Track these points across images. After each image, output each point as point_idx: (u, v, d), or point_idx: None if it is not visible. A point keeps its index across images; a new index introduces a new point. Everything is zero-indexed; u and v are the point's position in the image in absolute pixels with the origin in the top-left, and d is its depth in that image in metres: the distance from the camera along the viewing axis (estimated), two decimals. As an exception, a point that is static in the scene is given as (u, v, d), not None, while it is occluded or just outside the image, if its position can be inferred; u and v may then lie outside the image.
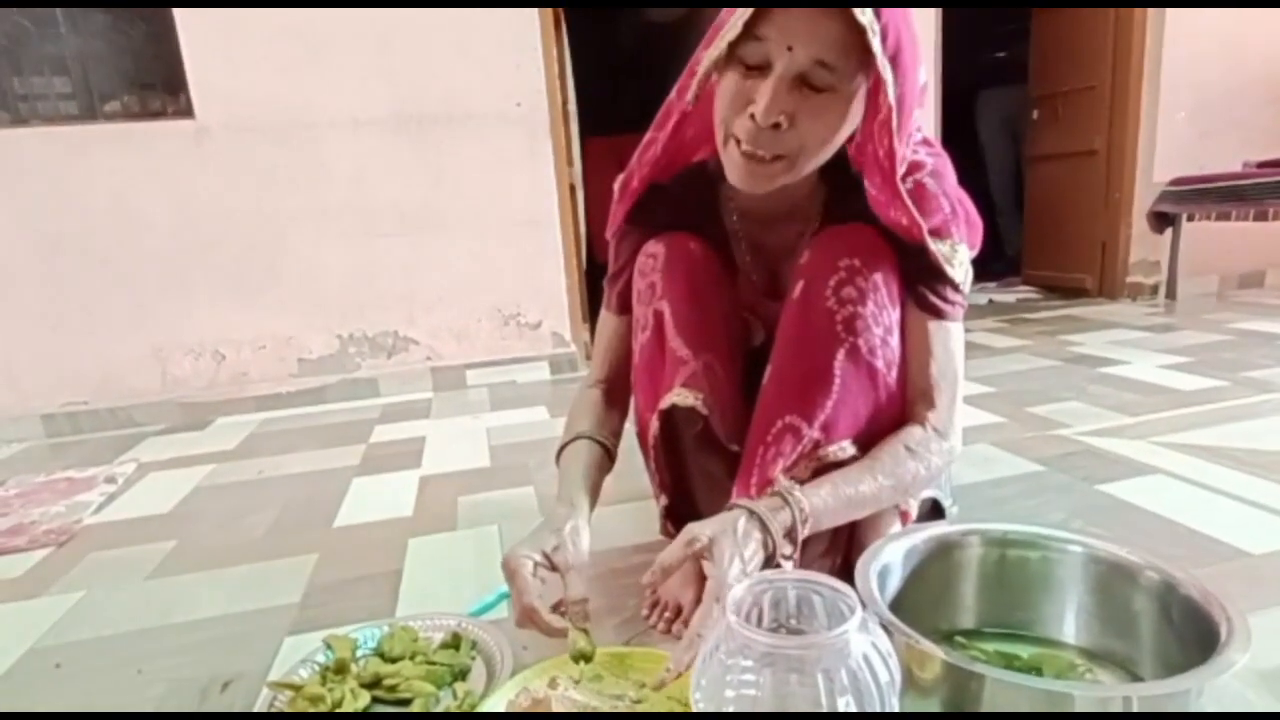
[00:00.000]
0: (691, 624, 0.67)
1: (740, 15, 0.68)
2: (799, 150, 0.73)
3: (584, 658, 0.73)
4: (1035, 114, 3.40)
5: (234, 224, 2.22)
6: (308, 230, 2.26)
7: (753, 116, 0.70)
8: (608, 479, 0.93)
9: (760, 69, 0.70)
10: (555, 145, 2.38)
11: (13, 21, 2.12)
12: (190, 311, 2.24)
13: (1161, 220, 2.99)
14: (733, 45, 0.70)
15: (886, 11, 0.67)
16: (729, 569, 0.67)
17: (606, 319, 1.00)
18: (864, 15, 0.65)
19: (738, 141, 0.73)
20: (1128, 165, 2.98)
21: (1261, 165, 2.77)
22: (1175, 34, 2.86)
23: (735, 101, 0.72)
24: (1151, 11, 2.83)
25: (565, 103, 2.46)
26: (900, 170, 0.73)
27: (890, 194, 0.75)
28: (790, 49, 0.67)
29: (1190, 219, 2.92)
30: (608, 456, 0.93)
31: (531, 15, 2.28)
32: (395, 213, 2.31)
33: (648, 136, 0.86)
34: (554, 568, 0.77)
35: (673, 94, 0.81)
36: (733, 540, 0.69)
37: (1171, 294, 3.02)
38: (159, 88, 2.22)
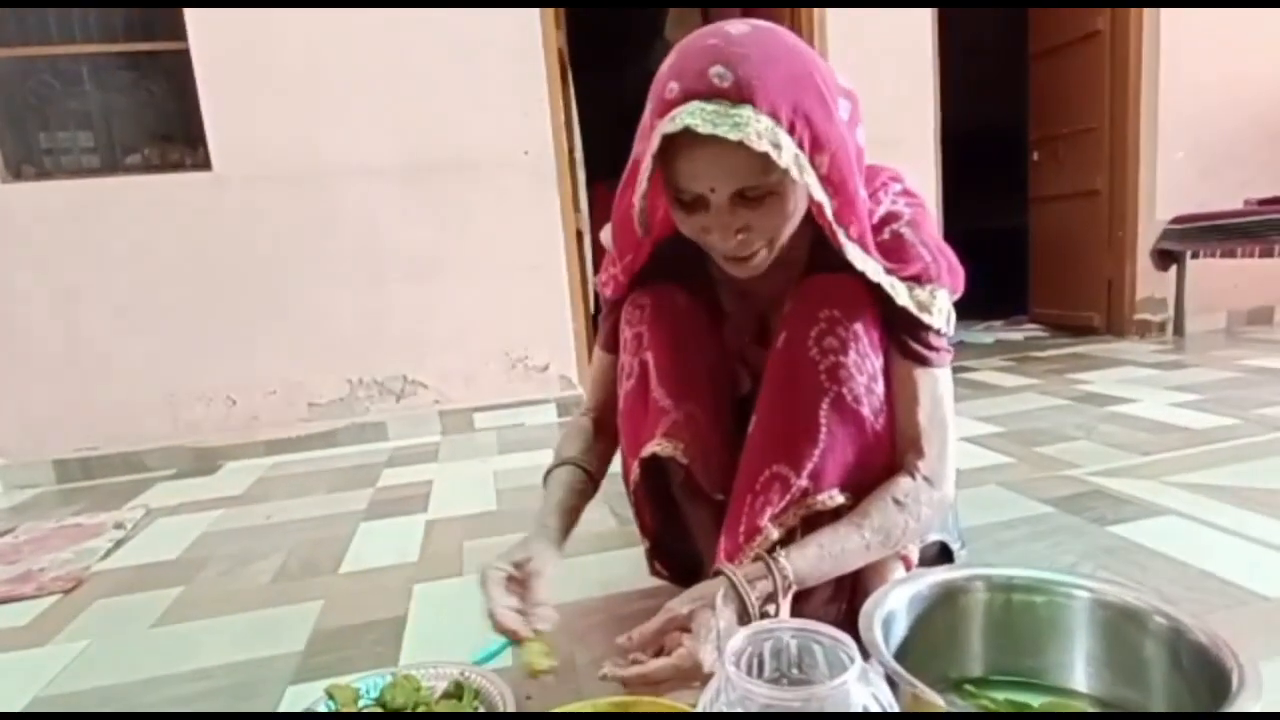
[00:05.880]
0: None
1: (646, 170, 0.69)
2: (771, 238, 0.75)
3: (538, 672, 0.74)
4: (1035, 155, 3.44)
5: (247, 271, 2.26)
6: (319, 276, 2.30)
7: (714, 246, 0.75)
8: (610, 524, 0.93)
9: (697, 203, 0.73)
10: (562, 192, 2.43)
11: (40, 79, 2.20)
12: (203, 357, 2.27)
13: (1165, 258, 3.00)
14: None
15: (778, 100, 0.66)
16: (704, 644, 0.69)
17: (598, 355, 1.02)
18: (760, 143, 0.64)
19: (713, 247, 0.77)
20: (1130, 204, 3.01)
21: (1263, 202, 2.78)
22: (1172, 75, 2.91)
23: (693, 232, 0.76)
24: (1147, 52, 2.88)
25: (572, 150, 2.52)
26: (872, 221, 0.77)
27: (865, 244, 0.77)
28: (713, 190, 0.70)
29: (1194, 256, 2.93)
30: (590, 482, 0.95)
31: (539, 65, 2.35)
32: (405, 258, 2.35)
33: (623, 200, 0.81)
34: (524, 580, 0.79)
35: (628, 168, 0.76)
36: (709, 615, 0.71)
37: (1179, 331, 3.01)
38: (179, 140, 2.29)
